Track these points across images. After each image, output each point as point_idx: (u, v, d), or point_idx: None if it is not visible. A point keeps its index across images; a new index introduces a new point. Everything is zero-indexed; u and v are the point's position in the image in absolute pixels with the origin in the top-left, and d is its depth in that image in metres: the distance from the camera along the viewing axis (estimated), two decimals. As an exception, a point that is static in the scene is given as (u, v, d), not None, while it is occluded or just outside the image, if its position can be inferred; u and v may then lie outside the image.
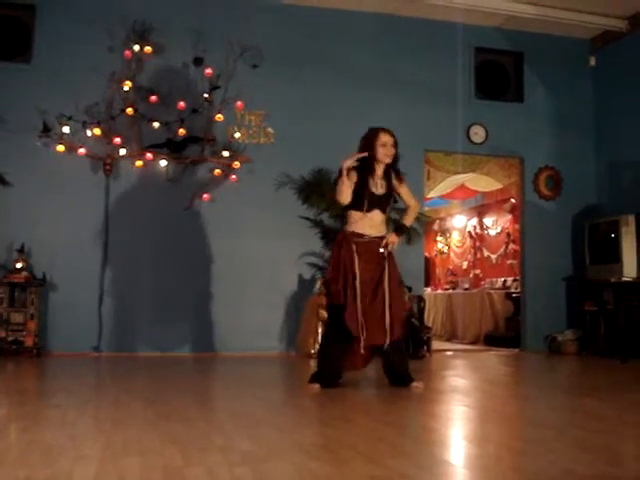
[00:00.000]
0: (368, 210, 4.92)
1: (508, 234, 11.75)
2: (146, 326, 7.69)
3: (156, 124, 7.73)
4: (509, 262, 11.57)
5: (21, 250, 7.20)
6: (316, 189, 7.98)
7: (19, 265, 7.14)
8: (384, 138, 5.02)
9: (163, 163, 7.81)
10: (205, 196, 7.83)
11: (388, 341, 4.79)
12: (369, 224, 4.93)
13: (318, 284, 7.67)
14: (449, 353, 8.96)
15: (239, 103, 7.90)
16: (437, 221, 14.42)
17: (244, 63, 7.97)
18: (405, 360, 5.07)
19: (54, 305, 7.51)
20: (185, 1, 8.12)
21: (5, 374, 5.97)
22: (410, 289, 8.15)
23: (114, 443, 2.97)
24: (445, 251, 14.38)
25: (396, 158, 5.04)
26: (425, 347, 8.02)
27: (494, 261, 12.24)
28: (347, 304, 4.78)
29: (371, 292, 4.83)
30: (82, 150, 7.52)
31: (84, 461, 2.63)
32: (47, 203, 7.55)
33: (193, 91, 7.92)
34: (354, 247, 4.86)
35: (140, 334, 7.68)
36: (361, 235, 4.91)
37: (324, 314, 6.59)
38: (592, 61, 9.39)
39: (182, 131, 7.76)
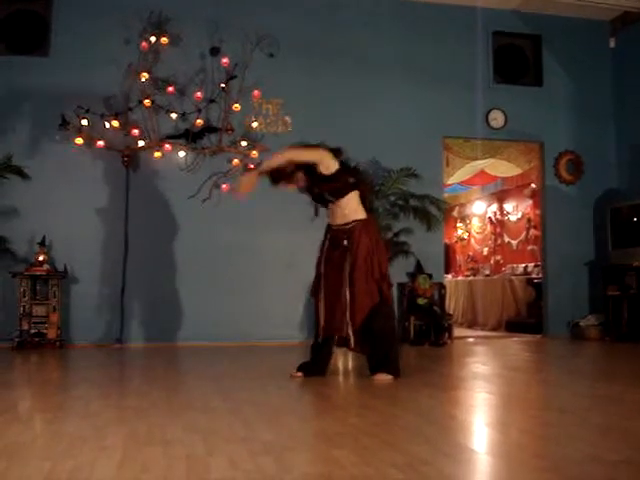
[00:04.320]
0: (327, 206, 5.07)
1: (529, 219, 11.66)
2: (167, 317, 7.73)
3: (174, 115, 7.76)
4: (530, 248, 11.49)
5: (42, 243, 7.25)
6: (335, 177, 7.94)
7: (41, 258, 7.19)
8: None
9: (182, 154, 7.84)
10: (224, 186, 7.83)
11: (350, 332, 4.81)
12: (334, 216, 5.00)
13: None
14: (470, 340, 8.92)
15: (256, 92, 7.90)
16: (457, 207, 14.34)
17: (260, 52, 7.95)
18: (382, 348, 4.85)
19: (76, 297, 7.57)
20: (200, -9, 8.11)
21: (29, 366, 6.03)
22: (430, 276, 8.14)
23: (137, 433, 2.99)
24: (465, 237, 14.30)
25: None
26: (446, 334, 8.00)
27: (515, 247, 12.16)
28: (316, 293, 5.02)
29: (334, 281, 4.88)
30: (101, 142, 7.55)
31: (108, 451, 2.64)
32: (67, 196, 7.60)
33: (210, 81, 7.92)
34: (327, 237, 5.04)
35: (162, 325, 7.72)
36: (331, 226, 5.05)
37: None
38: (612, 43, 9.28)
39: (200, 121, 7.78)
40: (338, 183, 4.88)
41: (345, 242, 4.87)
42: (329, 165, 4.86)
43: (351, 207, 4.93)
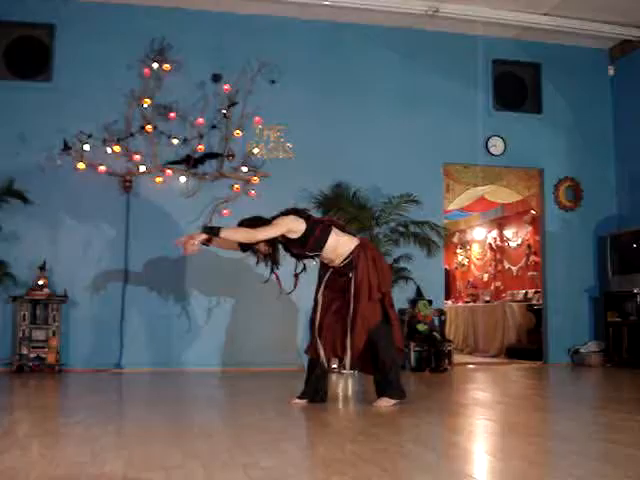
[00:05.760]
0: (312, 258, 5.01)
1: (529, 246, 11.68)
2: (167, 342, 7.71)
3: (175, 141, 7.79)
4: (530, 274, 11.49)
5: (42, 267, 7.26)
6: (335, 203, 7.98)
7: (41, 282, 7.20)
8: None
9: (182, 179, 7.87)
10: (225, 212, 7.85)
11: (348, 357, 4.82)
12: (330, 260, 4.93)
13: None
14: (471, 366, 8.89)
15: (257, 119, 7.95)
16: (457, 233, 14.35)
17: (262, 79, 8.02)
18: (384, 372, 4.85)
19: (75, 322, 7.55)
20: (202, 18, 8.17)
21: (27, 391, 6.00)
22: (430, 302, 8.13)
23: (136, 459, 2.97)
24: (465, 263, 14.30)
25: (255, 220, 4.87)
26: (447, 360, 7.97)
27: (515, 273, 12.16)
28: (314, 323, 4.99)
29: (337, 306, 4.90)
30: (102, 167, 7.58)
31: (106, 477, 2.63)
32: (68, 220, 7.62)
33: (211, 107, 7.97)
34: (329, 271, 4.97)
35: (161, 350, 7.70)
36: (331, 267, 4.98)
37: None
38: (611, 71, 9.35)
39: (201, 147, 7.81)
40: (312, 239, 4.81)
41: (350, 274, 4.84)
42: (297, 229, 4.79)
43: (340, 245, 4.88)
